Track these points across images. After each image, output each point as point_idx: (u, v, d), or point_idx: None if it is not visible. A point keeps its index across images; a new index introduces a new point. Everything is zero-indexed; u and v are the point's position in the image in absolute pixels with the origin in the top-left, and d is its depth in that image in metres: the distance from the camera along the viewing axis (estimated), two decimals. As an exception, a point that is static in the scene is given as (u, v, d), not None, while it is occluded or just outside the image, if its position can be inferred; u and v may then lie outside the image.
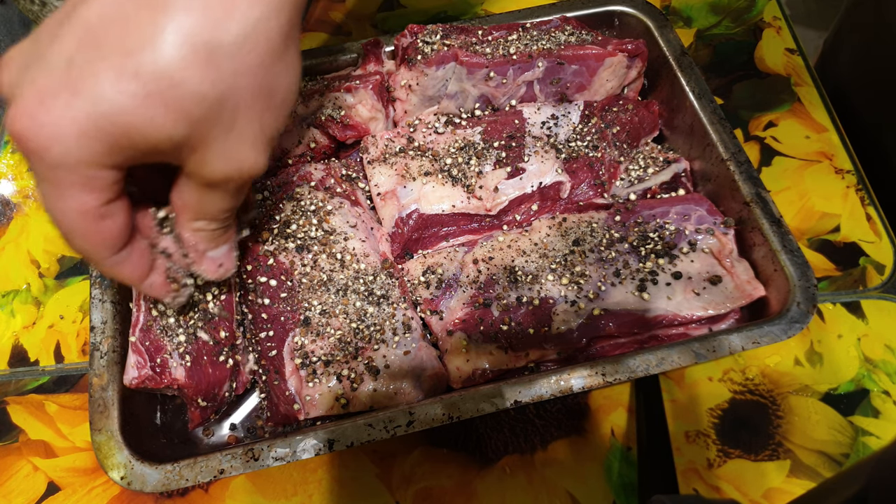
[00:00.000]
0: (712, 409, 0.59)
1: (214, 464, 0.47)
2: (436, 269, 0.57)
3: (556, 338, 0.53)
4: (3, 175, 0.74)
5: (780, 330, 0.51)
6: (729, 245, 0.56)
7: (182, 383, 0.51)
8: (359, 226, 0.60)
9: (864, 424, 0.58)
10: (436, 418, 0.48)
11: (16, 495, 0.56)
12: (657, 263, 0.56)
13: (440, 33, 0.65)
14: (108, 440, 0.48)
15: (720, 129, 0.61)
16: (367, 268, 0.57)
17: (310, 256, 0.56)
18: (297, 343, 0.53)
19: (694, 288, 0.54)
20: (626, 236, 0.57)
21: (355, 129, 0.65)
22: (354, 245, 0.58)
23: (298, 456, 0.47)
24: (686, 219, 0.58)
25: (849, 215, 0.68)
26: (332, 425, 0.48)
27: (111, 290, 0.55)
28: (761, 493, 0.55)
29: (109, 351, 0.52)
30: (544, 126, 0.65)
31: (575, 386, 0.49)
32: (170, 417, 0.56)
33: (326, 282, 0.55)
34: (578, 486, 0.55)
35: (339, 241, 0.57)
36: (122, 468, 0.47)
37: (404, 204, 0.60)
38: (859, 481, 0.30)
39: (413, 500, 0.55)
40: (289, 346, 0.53)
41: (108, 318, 0.53)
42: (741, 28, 0.83)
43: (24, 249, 0.69)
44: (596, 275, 0.55)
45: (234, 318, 0.55)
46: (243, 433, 0.55)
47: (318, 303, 0.54)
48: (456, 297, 0.56)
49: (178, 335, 0.52)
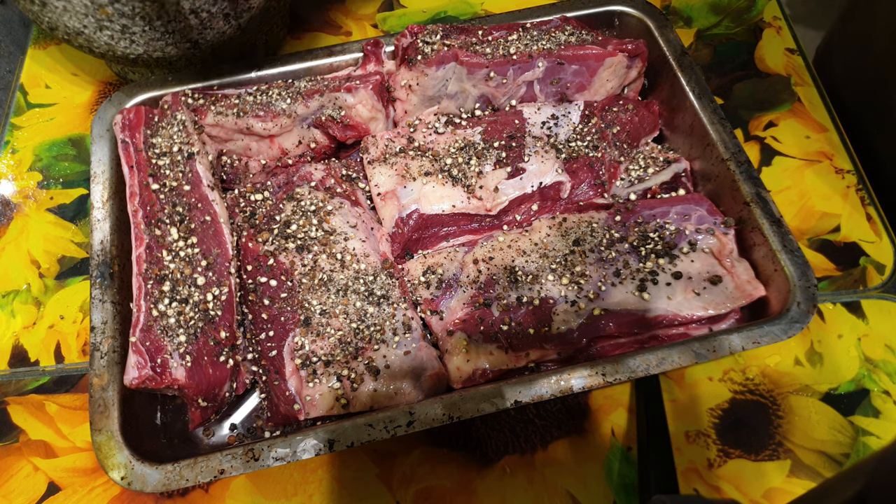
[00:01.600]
0: (712, 409, 0.59)
1: (215, 464, 0.47)
2: (436, 269, 0.57)
3: (557, 338, 0.53)
4: (3, 175, 0.74)
5: (781, 330, 0.51)
6: (729, 245, 0.56)
7: (182, 383, 0.51)
8: (359, 226, 0.60)
9: (864, 424, 0.58)
10: (436, 418, 0.48)
11: (16, 495, 0.56)
12: (657, 263, 0.56)
13: (440, 33, 0.65)
14: (108, 440, 0.48)
15: (720, 128, 0.61)
16: (367, 268, 0.57)
17: (310, 257, 0.56)
18: (298, 343, 0.53)
19: (694, 288, 0.54)
20: (627, 236, 0.57)
21: (355, 129, 0.65)
22: (354, 245, 0.58)
23: (299, 456, 0.47)
24: (686, 219, 0.58)
25: (849, 215, 0.68)
26: (333, 425, 0.48)
27: (111, 291, 0.55)
28: (761, 492, 0.55)
29: (110, 351, 0.52)
30: (544, 126, 0.65)
31: (575, 386, 0.49)
32: (170, 417, 0.55)
33: (326, 282, 0.55)
34: (578, 485, 0.55)
35: (339, 241, 0.57)
36: (123, 468, 0.47)
37: (404, 204, 0.60)
38: (859, 481, 0.30)
39: (413, 499, 0.55)
40: (289, 346, 0.53)
41: (108, 319, 0.53)
42: (741, 28, 0.83)
43: (24, 250, 0.69)
44: (596, 275, 0.55)
45: (235, 319, 0.55)
46: (244, 433, 0.55)
47: (319, 303, 0.54)
48: (456, 297, 0.56)
49: (179, 335, 0.52)
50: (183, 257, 0.56)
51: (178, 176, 0.59)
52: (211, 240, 0.57)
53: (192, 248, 0.56)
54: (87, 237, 0.70)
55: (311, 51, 0.68)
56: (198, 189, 0.59)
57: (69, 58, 0.83)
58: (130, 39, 0.65)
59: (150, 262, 0.55)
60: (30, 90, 0.81)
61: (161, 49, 0.67)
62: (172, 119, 0.63)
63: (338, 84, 0.64)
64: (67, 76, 0.82)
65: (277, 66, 0.67)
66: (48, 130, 0.77)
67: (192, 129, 0.62)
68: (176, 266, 0.55)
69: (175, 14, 0.63)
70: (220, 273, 0.56)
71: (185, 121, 0.62)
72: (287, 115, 0.64)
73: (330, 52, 0.68)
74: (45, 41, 0.85)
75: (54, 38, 0.84)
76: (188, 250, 0.56)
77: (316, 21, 0.86)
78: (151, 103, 0.66)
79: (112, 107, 0.64)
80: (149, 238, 0.56)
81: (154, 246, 0.56)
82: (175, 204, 0.58)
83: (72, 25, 0.63)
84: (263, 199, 0.60)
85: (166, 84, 0.66)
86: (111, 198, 0.59)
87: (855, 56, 0.81)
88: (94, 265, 0.56)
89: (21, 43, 0.94)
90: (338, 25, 0.85)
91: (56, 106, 0.79)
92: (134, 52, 0.66)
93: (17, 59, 0.85)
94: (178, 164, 0.60)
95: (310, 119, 0.65)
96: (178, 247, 0.56)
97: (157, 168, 0.60)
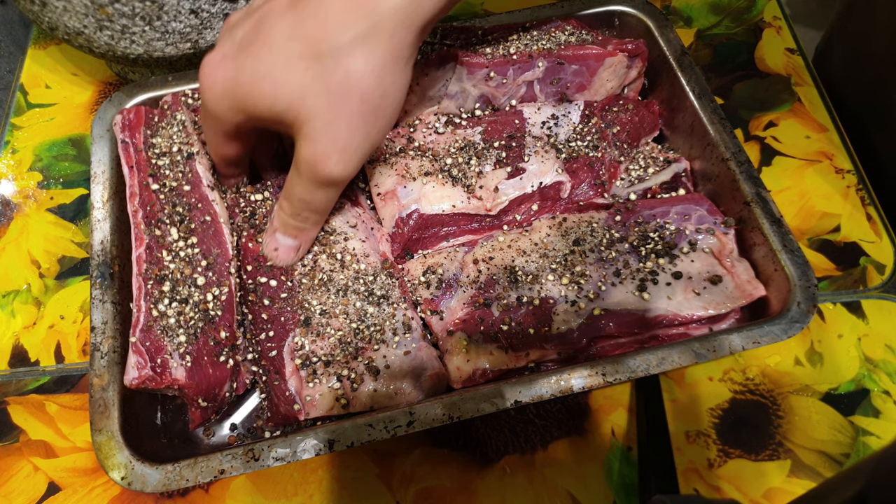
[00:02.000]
0: (713, 409, 0.59)
1: (215, 464, 0.47)
2: (436, 269, 0.57)
3: (557, 338, 0.53)
4: (4, 175, 0.74)
5: (781, 330, 0.51)
6: (729, 245, 0.56)
7: (182, 383, 0.51)
8: (359, 226, 0.59)
9: (864, 424, 0.58)
10: (436, 418, 0.48)
11: (16, 495, 0.56)
12: (657, 263, 0.56)
13: (440, 33, 0.65)
14: (108, 440, 0.48)
15: (720, 128, 0.61)
16: (367, 268, 0.57)
17: (310, 257, 0.56)
18: (298, 343, 0.53)
19: (694, 288, 0.54)
20: (627, 236, 0.57)
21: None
22: (354, 245, 0.58)
23: (299, 456, 0.47)
24: (686, 218, 0.58)
25: (849, 215, 0.68)
26: (333, 425, 0.48)
27: (112, 291, 0.55)
28: (762, 493, 0.55)
29: (110, 351, 0.52)
30: (544, 126, 0.65)
31: (575, 386, 0.49)
32: (170, 418, 0.55)
33: (326, 282, 0.55)
34: (579, 486, 0.55)
35: (339, 241, 0.57)
36: (123, 468, 0.47)
37: (404, 204, 0.60)
38: (860, 481, 0.30)
39: (413, 499, 0.55)
40: (289, 346, 0.53)
41: (108, 319, 0.53)
42: (741, 28, 0.83)
43: (24, 250, 0.69)
44: (596, 275, 0.55)
45: (235, 319, 0.55)
46: (244, 433, 0.55)
47: (318, 303, 0.54)
48: (456, 297, 0.56)
49: (179, 335, 0.52)
50: (183, 257, 0.56)
51: (178, 176, 0.59)
52: (211, 240, 0.57)
53: (192, 249, 0.56)
54: (87, 237, 0.70)
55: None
56: (198, 189, 0.59)
57: (69, 58, 0.83)
58: (130, 39, 0.65)
59: (150, 263, 0.55)
60: (30, 90, 0.81)
61: (161, 49, 0.67)
62: (172, 119, 0.63)
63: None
64: (67, 76, 0.82)
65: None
66: (48, 130, 0.77)
67: (191, 130, 0.62)
68: (176, 266, 0.55)
69: (175, 14, 0.63)
70: (220, 273, 0.56)
71: (185, 121, 0.62)
72: None
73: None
74: (46, 41, 0.85)
75: (54, 38, 0.84)
76: (188, 250, 0.56)
77: (316, 21, 0.86)
78: (152, 103, 0.66)
79: (112, 107, 0.64)
80: (149, 238, 0.56)
81: (154, 246, 0.56)
82: (175, 204, 0.58)
83: (72, 25, 0.63)
84: (264, 199, 0.60)
85: (167, 84, 0.66)
86: (111, 198, 0.59)
87: (854, 55, 0.81)
88: (95, 265, 0.56)
89: (21, 43, 0.94)
90: (338, 25, 0.85)
91: (56, 106, 0.79)
92: (134, 52, 0.66)
93: (18, 59, 0.85)
94: (177, 164, 0.60)
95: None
96: (178, 247, 0.56)
97: (157, 168, 0.60)
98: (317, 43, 0.42)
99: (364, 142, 0.46)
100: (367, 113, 0.44)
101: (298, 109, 0.44)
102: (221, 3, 0.65)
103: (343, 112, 0.44)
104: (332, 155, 0.45)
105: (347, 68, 0.42)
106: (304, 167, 0.47)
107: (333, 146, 0.45)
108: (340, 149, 0.45)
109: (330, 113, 0.44)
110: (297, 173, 0.48)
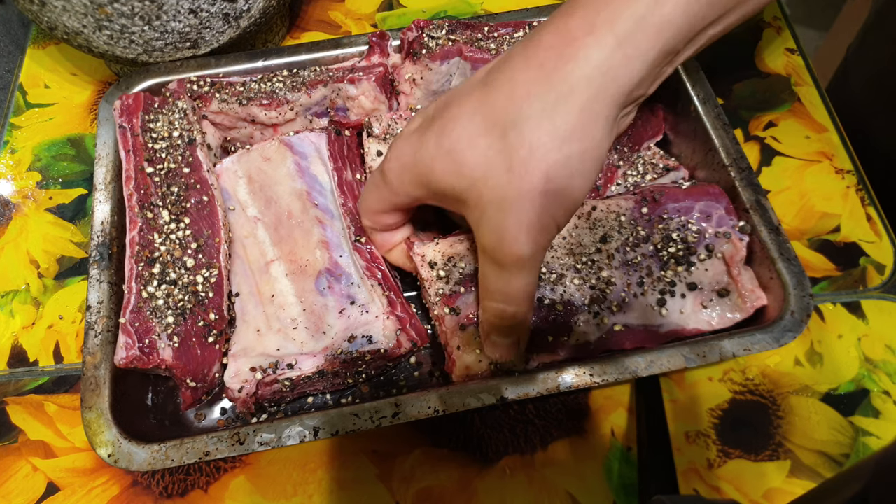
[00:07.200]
0: (712, 409, 0.59)
1: (200, 446, 0.47)
2: (457, 261, 0.55)
3: (573, 348, 0.52)
4: (2, 175, 0.74)
5: (773, 338, 0.51)
6: (742, 251, 0.55)
7: (170, 364, 0.52)
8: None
9: (864, 425, 0.58)
10: (421, 411, 0.48)
11: (15, 496, 0.56)
12: (676, 272, 0.55)
13: (446, 28, 0.65)
14: (97, 417, 0.49)
15: (723, 134, 0.61)
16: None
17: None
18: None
19: (703, 301, 0.54)
20: (651, 235, 0.56)
21: (358, 120, 0.65)
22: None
23: (283, 442, 0.47)
24: (708, 218, 0.57)
25: (849, 215, 0.68)
26: (319, 414, 0.49)
27: (109, 272, 0.55)
28: (761, 493, 0.55)
29: (104, 330, 0.53)
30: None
31: (562, 385, 0.49)
32: (161, 399, 0.56)
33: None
34: (578, 486, 0.55)
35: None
36: (110, 446, 0.48)
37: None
38: (860, 481, 0.30)
39: (413, 500, 0.55)
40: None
41: (104, 298, 0.54)
42: (741, 28, 0.83)
43: (23, 250, 0.69)
44: (620, 282, 0.54)
45: (224, 301, 0.55)
46: (233, 417, 0.56)
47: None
48: (475, 293, 0.53)
49: (167, 317, 0.53)
50: (174, 240, 0.57)
51: (178, 159, 0.60)
52: (204, 220, 0.58)
53: (184, 231, 0.57)
54: (86, 237, 0.70)
55: (318, 43, 0.69)
56: (197, 172, 0.60)
57: (68, 58, 0.83)
58: (129, 39, 0.65)
59: (142, 245, 0.56)
60: (29, 90, 0.81)
61: (160, 49, 0.67)
62: (174, 106, 0.63)
63: (341, 75, 0.64)
64: (67, 76, 0.82)
65: (284, 56, 0.68)
66: (47, 130, 0.77)
67: (192, 118, 0.62)
68: (167, 248, 0.56)
69: (174, 14, 0.63)
70: (209, 255, 0.56)
71: (187, 108, 0.63)
72: (290, 105, 0.64)
73: (337, 43, 0.68)
74: (45, 41, 0.85)
75: (54, 38, 0.84)
76: (179, 233, 0.57)
77: (315, 20, 0.86)
78: (159, 88, 0.67)
79: (120, 91, 0.66)
80: (142, 221, 0.57)
81: (146, 228, 0.56)
82: (170, 185, 0.59)
83: (71, 25, 0.63)
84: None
85: (174, 70, 0.67)
86: (113, 180, 0.61)
87: (879, 74, 0.80)
88: (94, 245, 0.57)
89: (20, 43, 0.94)
90: (337, 25, 0.85)
91: (55, 106, 0.79)
92: (133, 51, 0.66)
93: (17, 58, 0.85)
94: (177, 147, 0.61)
95: (313, 109, 0.65)
96: (170, 229, 0.57)
97: (154, 152, 0.61)
98: (502, 116, 0.40)
99: (550, 222, 0.42)
100: (551, 193, 0.40)
101: (481, 189, 0.41)
102: (221, 2, 0.65)
103: (526, 191, 0.40)
104: (519, 236, 0.41)
105: (532, 143, 0.39)
106: (491, 252, 0.43)
107: (518, 226, 0.41)
108: (526, 228, 0.41)
109: (513, 190, 0.40)
110: (486, 261, 0.45)
